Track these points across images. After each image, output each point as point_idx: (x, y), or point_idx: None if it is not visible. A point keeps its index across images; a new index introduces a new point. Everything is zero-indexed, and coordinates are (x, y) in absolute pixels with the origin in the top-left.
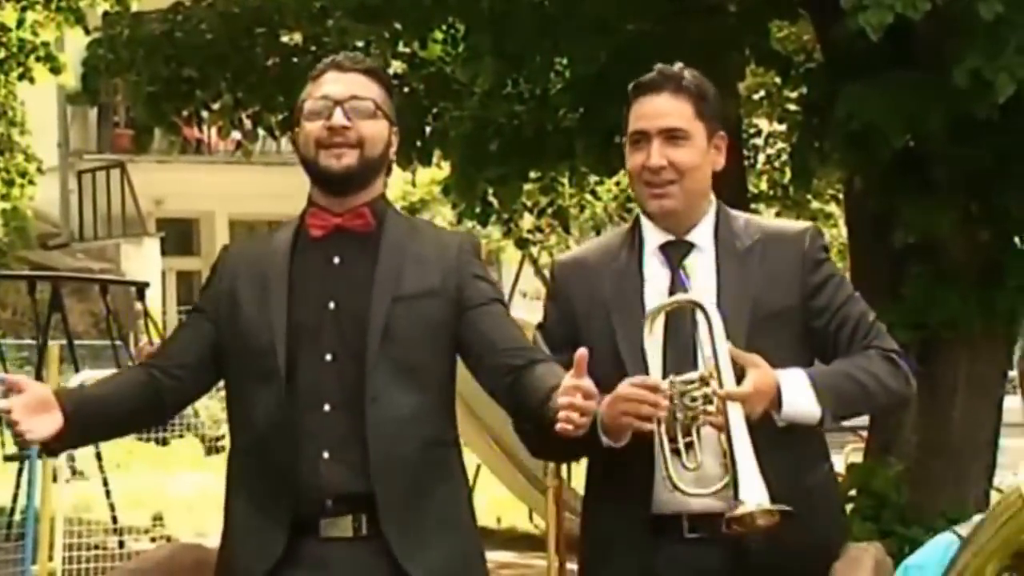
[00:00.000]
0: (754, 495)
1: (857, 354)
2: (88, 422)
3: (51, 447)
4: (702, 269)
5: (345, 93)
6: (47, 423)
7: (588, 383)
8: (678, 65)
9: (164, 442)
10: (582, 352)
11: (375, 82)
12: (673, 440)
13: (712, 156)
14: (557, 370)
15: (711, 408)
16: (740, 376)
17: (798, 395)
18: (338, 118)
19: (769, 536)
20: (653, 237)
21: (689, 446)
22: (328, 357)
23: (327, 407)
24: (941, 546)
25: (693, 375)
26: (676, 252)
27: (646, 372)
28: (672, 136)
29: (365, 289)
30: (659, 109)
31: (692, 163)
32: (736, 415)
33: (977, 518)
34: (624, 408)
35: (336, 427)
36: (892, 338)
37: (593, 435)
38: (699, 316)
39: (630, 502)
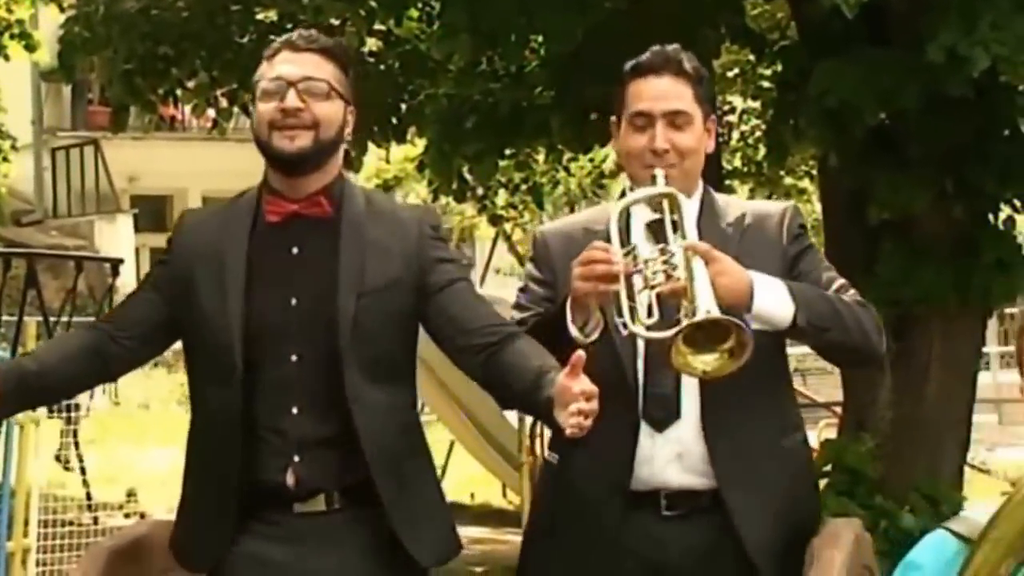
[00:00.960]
0: (706, 305)
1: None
2: (25, 394)
3: None
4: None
5: (299, 74)
6: None
7: (586, 384)
8: (673, 47)
9: None
10: (579, 355)
11: (330, 61)
12: (632, 299)
13: (705, 139)
14: (535, 347)
15: (674, 273)
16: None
17: (771, 291)
18: (291, 100)
19: (746, 510)
20: (641, 215)
21: (649, 307)
22: (293, 358)
23: (295, 410)
24: (936, 544)
25: (653, 248)
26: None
27: (631, 337)
28: (675, 119)
29: (327, 285)
30: (663, 91)
31: (693, 147)
32: (700, 265)
33: (970, 514)
34: (581, 272)
35: (306, 429)
36: None
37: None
38: (665, 207)
39: (608, 474)
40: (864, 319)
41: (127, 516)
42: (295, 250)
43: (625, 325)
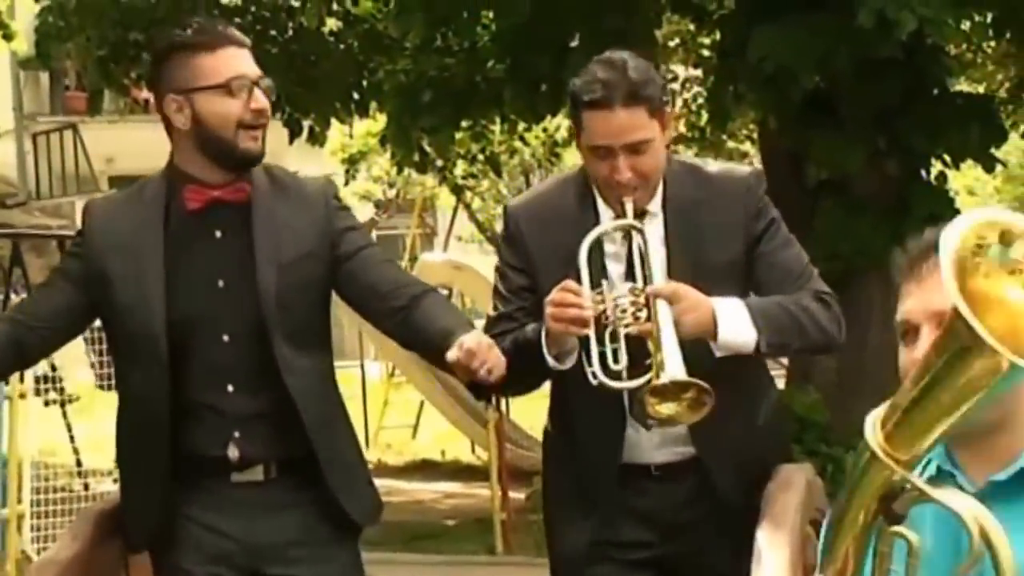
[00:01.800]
0: (673, 369)
1: (791, 293)
2: None
3: None
4: (653, 233)
5: (256, 72)
6: None
7: (467, 353)
8: (617, 72)
9: None
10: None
11: (252, 55)
12: (601, 343)
13: (665, 141)
14: (442, 307)
15: (641, 315)
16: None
17: (734, 319)
18: (262, 99)
19: (732, 469)
20: (608, 210)
21: (616, 351)
22: (225, 338)
23: (231, 388)
24: None
25: (623, 288)
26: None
27: None
28: (636, 147)
29: (249, 263)
30: (618, 126)
31: (655, 166)
32: (664, 309)
33: None
34: (553, 313)
35: (243, 406)
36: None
37: (545, 366)
38: (634, 237)
39: (600, 453)
40: (822, 318)
41: (115, 481)
42: (218, 234)
43: (595, 375)
